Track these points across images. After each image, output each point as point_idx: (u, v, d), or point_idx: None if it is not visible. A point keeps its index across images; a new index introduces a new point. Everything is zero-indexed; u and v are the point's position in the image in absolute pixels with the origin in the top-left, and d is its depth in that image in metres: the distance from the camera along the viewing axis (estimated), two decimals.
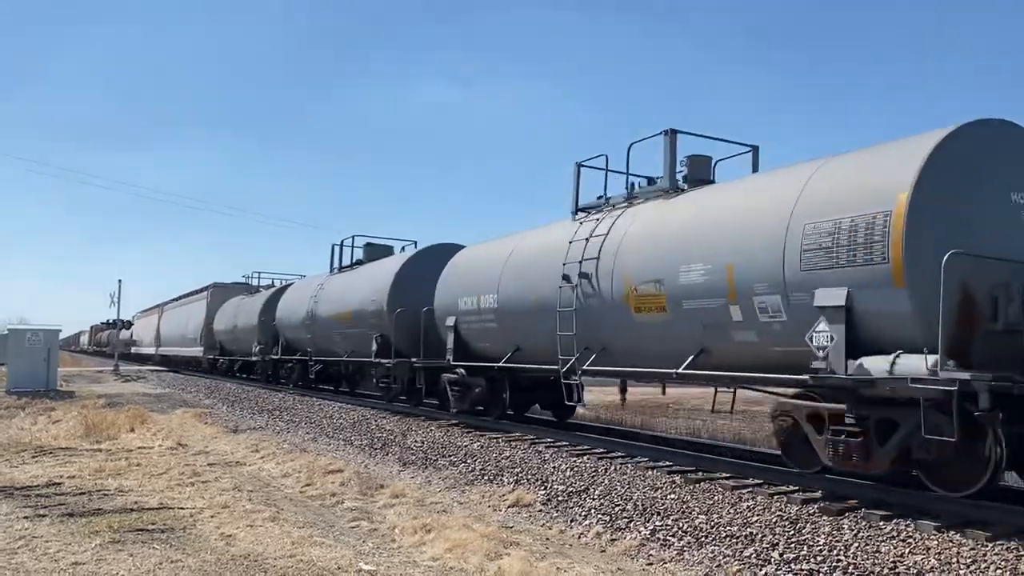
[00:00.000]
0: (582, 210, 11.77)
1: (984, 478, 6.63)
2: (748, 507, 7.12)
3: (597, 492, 8.20)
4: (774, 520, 6.68)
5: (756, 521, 6.72)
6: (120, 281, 47.30)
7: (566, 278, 10.75)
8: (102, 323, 75.49)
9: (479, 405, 13.94)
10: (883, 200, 6.80)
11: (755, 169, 10.64)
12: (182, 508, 7.85)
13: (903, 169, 6.82)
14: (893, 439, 6.94)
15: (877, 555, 5.72)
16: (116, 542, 6.40)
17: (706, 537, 6.58)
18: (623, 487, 8.21)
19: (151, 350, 50.10)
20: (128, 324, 61.08)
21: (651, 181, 11.00)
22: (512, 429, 12.69)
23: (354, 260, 21.08)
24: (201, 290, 38.03)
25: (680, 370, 8.92)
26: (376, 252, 20.52)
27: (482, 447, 11.11)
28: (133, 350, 57.70)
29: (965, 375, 6.03)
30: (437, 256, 16.14)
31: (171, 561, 5.89)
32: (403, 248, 20.00)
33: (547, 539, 7.07)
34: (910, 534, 6.05)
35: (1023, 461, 7.19)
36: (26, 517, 7.32)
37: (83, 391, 23.87)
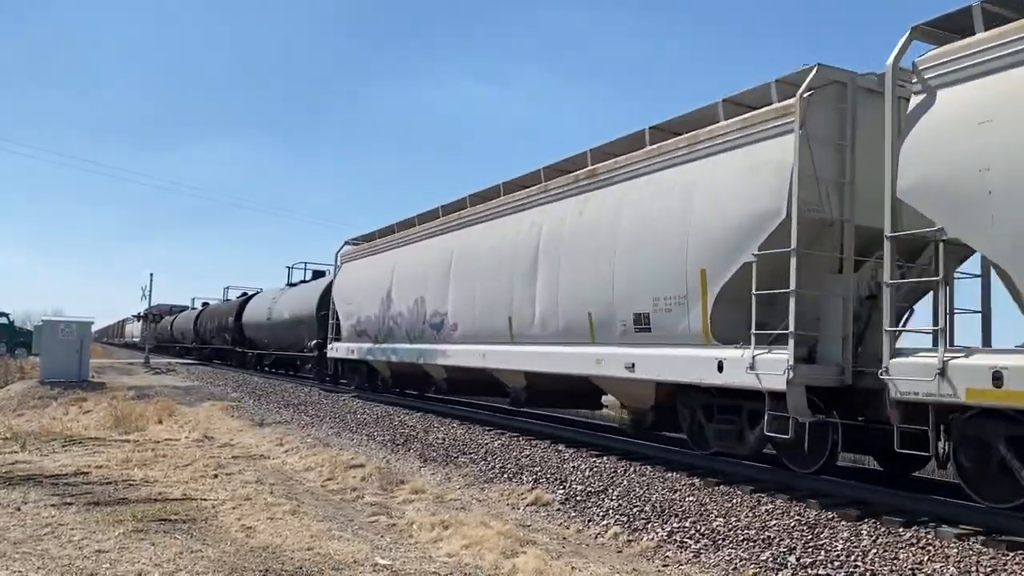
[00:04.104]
0: None
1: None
2: (767, 511, 7.08)
3: (616, 493, 8.20)
4: (792, 524, 6.64)
5: (774, 525, 6.68)
6: (152, 275, 46.96)
7: None
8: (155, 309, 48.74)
9: None
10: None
11: None
12: (205, 500, 7.97)
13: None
14: None
15: (895, 561, 5.67)
16: (139, 531, 6.52)
17: (723, 540, 6.55)
18: (642, 488, 8.20)
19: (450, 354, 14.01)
20: (158, 318, 54.10)
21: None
22: None
23: None
24: None
25: None
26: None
27: (503, 445, 11.14)
28: (340, 353, 20.06)
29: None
30: None
31: (191, 551, 5.99)
32: None
33: (564, 538, 7.08)
34: (930, 541, 5.97)
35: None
36: (53, 505, 7.48)
37: (114, 382, 24.25)
